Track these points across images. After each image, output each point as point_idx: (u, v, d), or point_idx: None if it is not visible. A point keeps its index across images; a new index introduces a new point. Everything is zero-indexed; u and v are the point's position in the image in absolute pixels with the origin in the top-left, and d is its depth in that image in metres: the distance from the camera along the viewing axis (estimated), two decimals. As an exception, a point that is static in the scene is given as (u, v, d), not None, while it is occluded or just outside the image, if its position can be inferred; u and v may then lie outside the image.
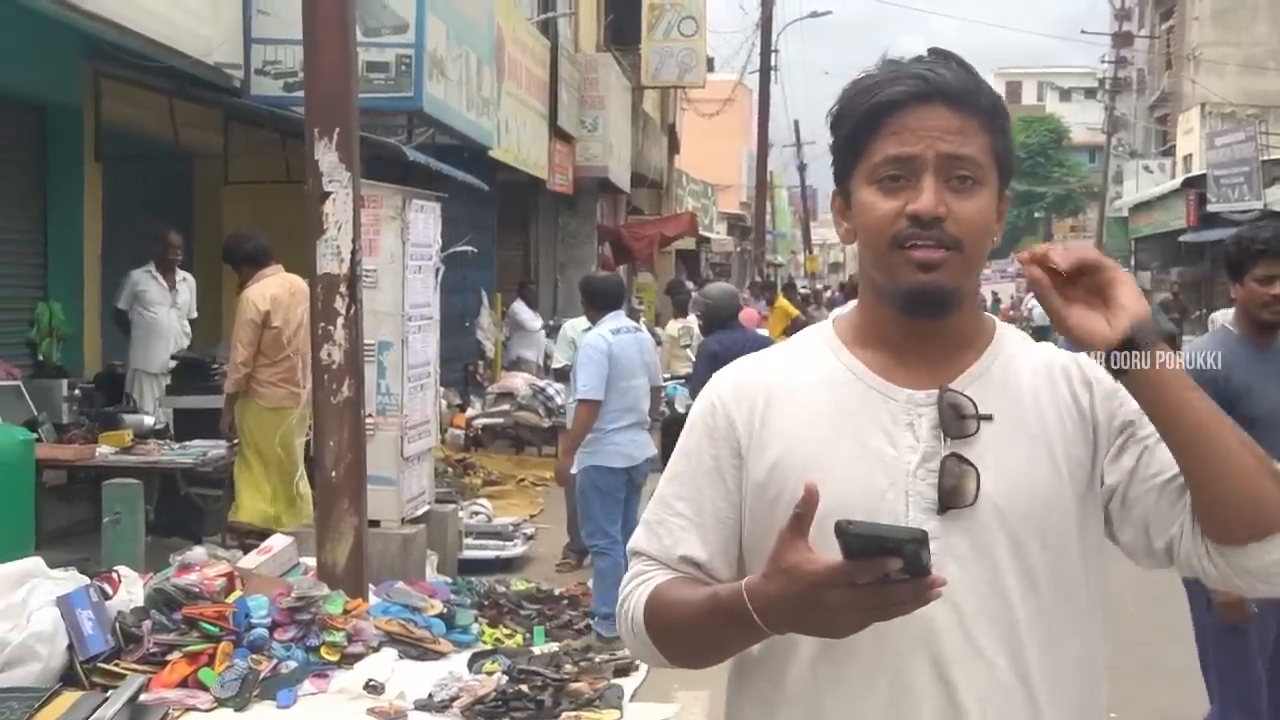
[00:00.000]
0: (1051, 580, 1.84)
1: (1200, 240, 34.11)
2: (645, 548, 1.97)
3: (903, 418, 1.86)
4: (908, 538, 1.55)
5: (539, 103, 17.86)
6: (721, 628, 1.78)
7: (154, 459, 8.11)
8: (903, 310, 1.87)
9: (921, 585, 1.56)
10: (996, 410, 1.85)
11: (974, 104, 1.86)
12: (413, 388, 7.67)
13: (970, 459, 1.82)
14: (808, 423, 1.88)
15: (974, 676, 1.80)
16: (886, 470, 1.83)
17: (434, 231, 7.91)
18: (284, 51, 10.37)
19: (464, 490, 11.03)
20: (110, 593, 6.23)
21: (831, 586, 1.58)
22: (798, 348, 2.01)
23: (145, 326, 10.09)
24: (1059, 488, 1.85)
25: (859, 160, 1.87)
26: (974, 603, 1.80)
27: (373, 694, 5.88)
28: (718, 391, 1.98)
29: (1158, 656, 7.30)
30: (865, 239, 1.88)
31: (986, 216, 1.86)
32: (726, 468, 1.92)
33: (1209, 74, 40.03)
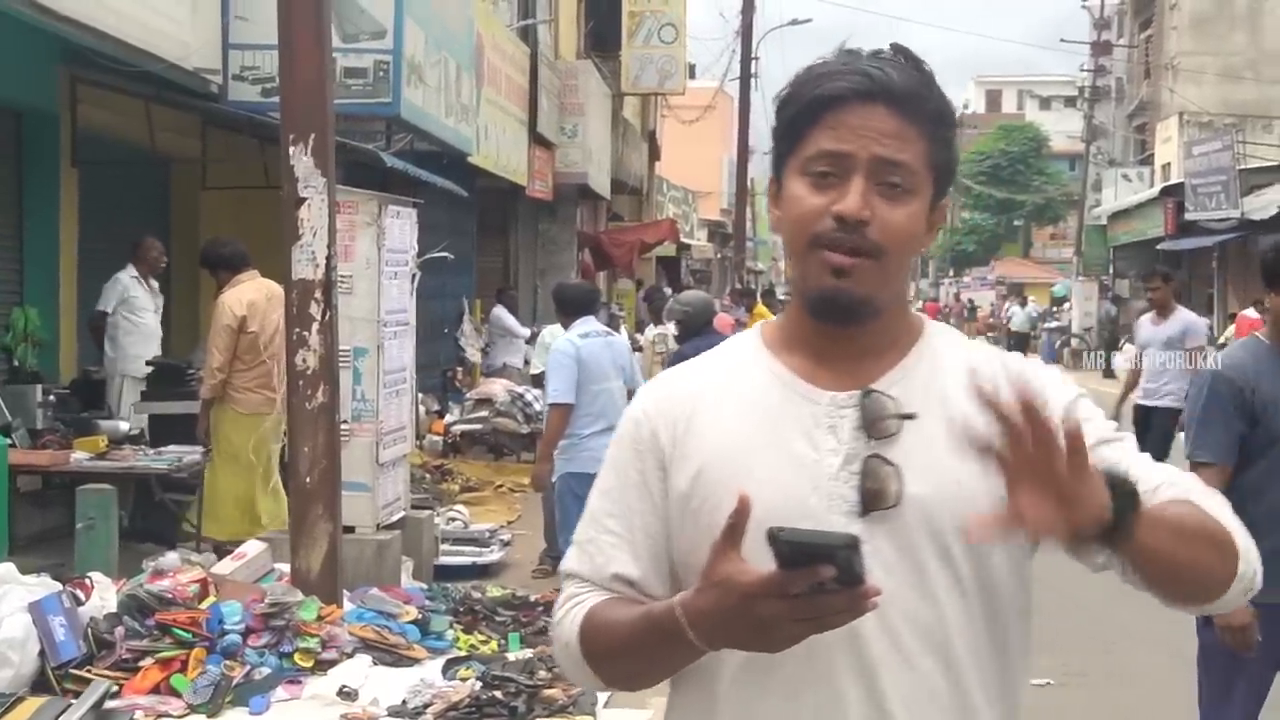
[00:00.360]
0: (978, 582, 1.80)
1: (1178, 248, 34.25)
2: (577, 569, 1.93)
3: (825, 420, 1.82)
4: (840, 543, 1.52)
5: (519, 109, 17.87)
6: (656, 646, 1.74)
7: (129, 465, 8.09)
8: (812, 314, 1.85)
9: (855, 595, 1.53)
10: (921, 409, 1.81)
11: (918, 109, 1.82)
12: (388, 393, 7.66)
13: (893, 460, 1.78)
14: (731, 430, 1.85)
15: (903, 683, 1.77)
16: (809, 474, 1.80)
17: (410, 237, 7.91)
18: (261, 57, 10.36)
19: (441, 496, 11.03)
20: (83, 599, 6.22)
21: (765, 598, 1.55)
22: (726, 355, 1.97)
23: (135, 331, 10.09)
24: (984, 486, 1.74)
25: (794, 149, 1.84)
26: (900, 607, 1.75)
27: (346, 700, 5.87)
28: (643, 405, 1.95)
29: (1126, 661, 7.33)
30: (788, 231, 1.85)
31: (913, 226, 1.82)
32: (652, 480, 1.89)
33: (1187, 83, 40.16)
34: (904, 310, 1.93)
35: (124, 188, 11.77)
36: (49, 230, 10.40)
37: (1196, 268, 35.24)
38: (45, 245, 10.41)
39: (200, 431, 8.42)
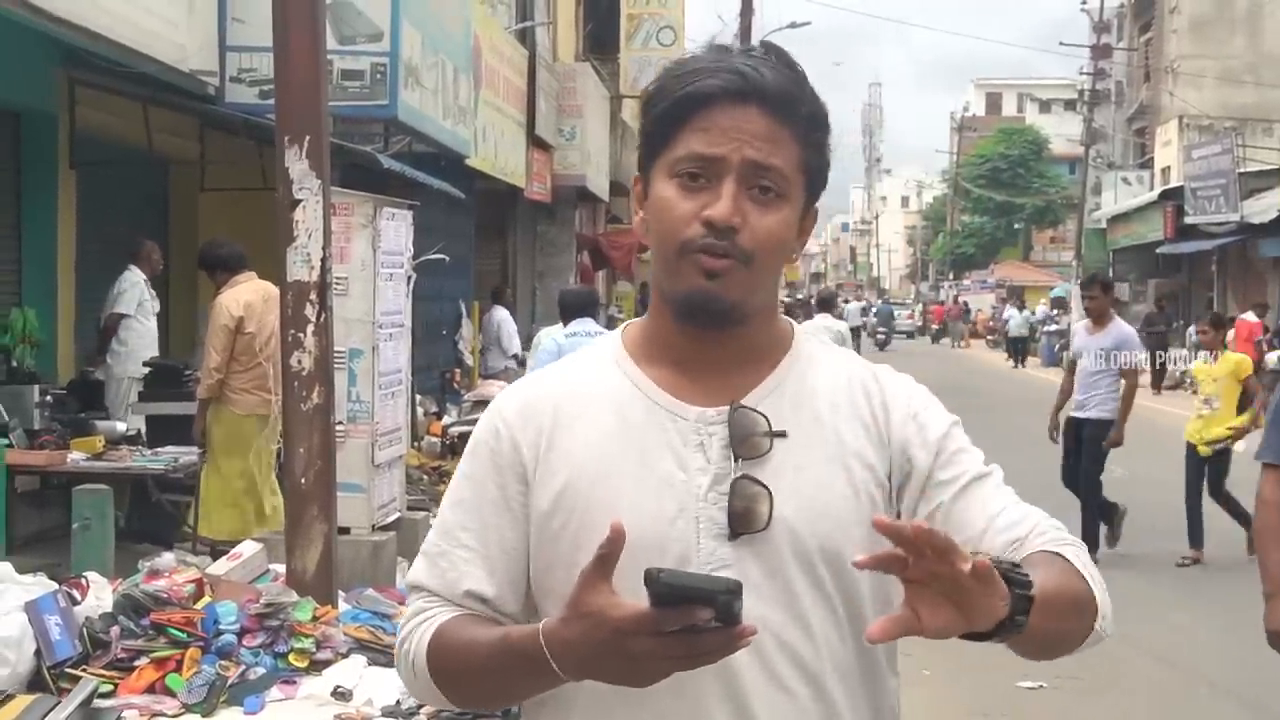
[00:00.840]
0: (849, 602, 1.75)
1: (1178, 252, 34.30)
2: (426, 582, 1.84)
3: (693, 438, 1.75)
4: (722, 589, 1.45)
5: (517, 111, 17.90)
6: (514, 672, 1.67)
7: (125, 465, 8.11)
8: (681, 317, 1.77)
9: (730, 634, 1.47)
10: (791, 426, 1.76)
11: (791, 111, 1.75)
12: (384, 395, 7.68)
13: (763, 480, 1.72)
14: (594, 445, 1.77)
15: (775, 708, 1.72)
16: (676, 495, 1.73)
17: (406, 239, 7.93)
18: (259, 59, 10.37)
19: (438, 498, 11.03)
20: (79, 598, 6.22)
21: (636, 634, 1.48)
22: (586, 363, 1.89)
23: (146, 334, 10.22)
24: (854, 509, 1.75)
25: (662, 150, 1.77)
26: (771, 632, 1.70)
27: (340, 700, 5.88)
28: (502, 414, 1.85)
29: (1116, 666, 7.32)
30: (657, 236, 1.77)
31: (783, 232, 1.76)
32: (513, 495, 1.80)
33: (1187, 86, 40.24)
34: (773, 318, 1.86)
35: (122, 189, 11.82)
36: (47, 231, 10.43)
37: (1196, 271, 35.30)
38: (43, 246, 10.44)
39: (197, 432, 8.45)
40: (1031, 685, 6.78)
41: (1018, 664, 7.12)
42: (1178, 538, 10.15)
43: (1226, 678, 7.13)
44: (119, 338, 10.13)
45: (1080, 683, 6.88)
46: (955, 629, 1.51)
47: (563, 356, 7.04)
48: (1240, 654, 7.53)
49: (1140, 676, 7.06)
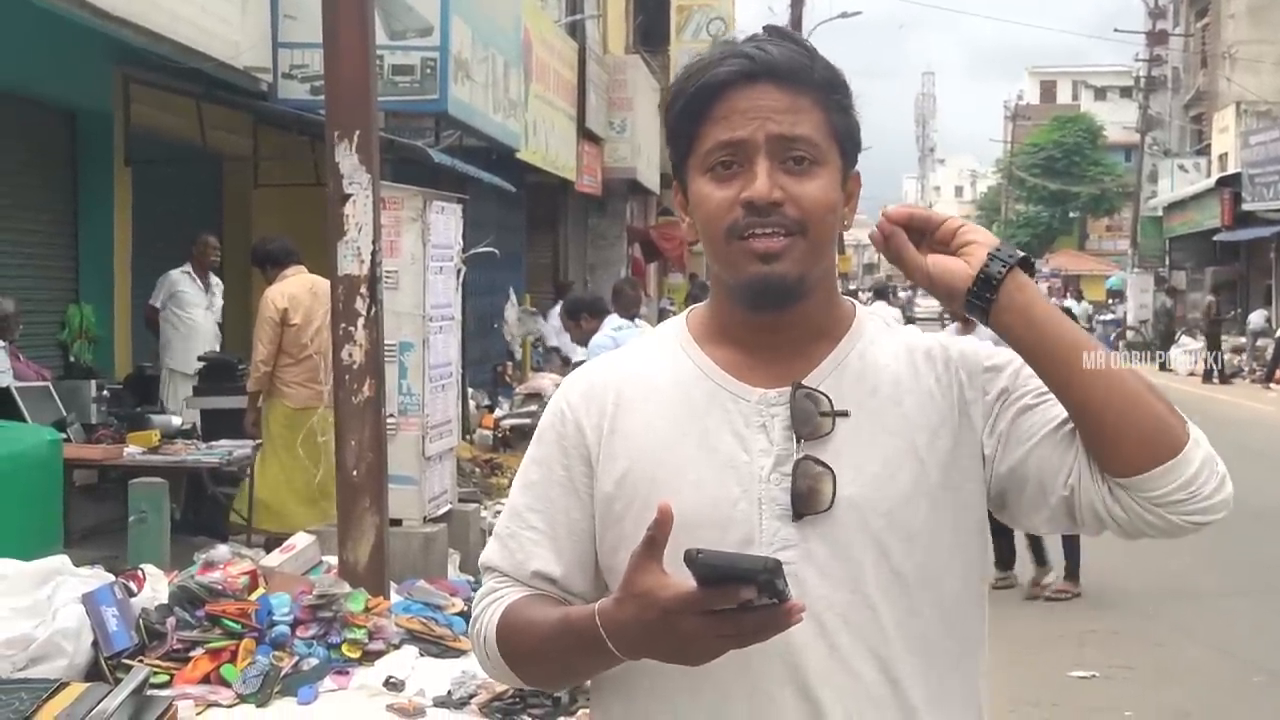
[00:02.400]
0: (920, 580, 1.74)
1: (1235, 240, 33.92)
2: (497, 563, 1.87)
3: (755, 419, 1.76)
4: (760, 567, 1.46)
5: (567, 104, 17.93)
6: (574, 652, 1.69)
7: (180, 459, 8.20)
8: (747, 304, 1.78)
9: (780, 612, 1.48)
10: (854, 405, 1.76)
11: (806, 80, 1.75)
12: (434, 388, 7.72)
13: (825, 460, 1.73)
14: (657, 428, 1.79)
15: (840, 690, 1.71)
16: (739, 477, 1.74)
17: (455, 233, 7.97)
18: (310, 55, 10.46)
19: (491, 490, 11.08)
20: (135, 590, 6.31)
21: (686, 614, 1.50)
22: (649, 346, 1.91)
23: (183, 327, 10.25)
24: (922, 482, 1.75)
25: (691, 149, 1.78)
26: (836, 612, 1.71)
27: (392, 691, 5.93)
28: (567, 397, 1.88)
29: (1174, 655, 7.30)
30: (703, 232, 1.78)
31: (828, 196, 1.75)
32: (579, 478, 1.83)
33: (1244, 72, 39.78)
34: (833, 295, 1.86)
35: (177, 186, 11.94)
36: (103, 228, 10.56)
37: (1254, 258, 34.87)
38: (100, 243, 10.57)
39: (248, 424, 8.52)
40: (1084, 675, 6.73)
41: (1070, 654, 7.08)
42: (1225, 524, 10.03)
43: (1280, 665, 7.06)
44: (162, 331, 10.23)
45: (1133, 672, 6.83)
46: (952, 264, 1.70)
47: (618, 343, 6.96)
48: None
49: (1194, 665, 7.00)
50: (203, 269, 10.48)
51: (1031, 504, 1.76)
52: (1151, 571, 7.85)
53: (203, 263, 10.47)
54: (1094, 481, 1.69)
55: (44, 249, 10.26)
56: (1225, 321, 29.37)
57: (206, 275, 10.54)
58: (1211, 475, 1.66)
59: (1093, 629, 7.51)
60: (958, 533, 1.78)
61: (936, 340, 1.87)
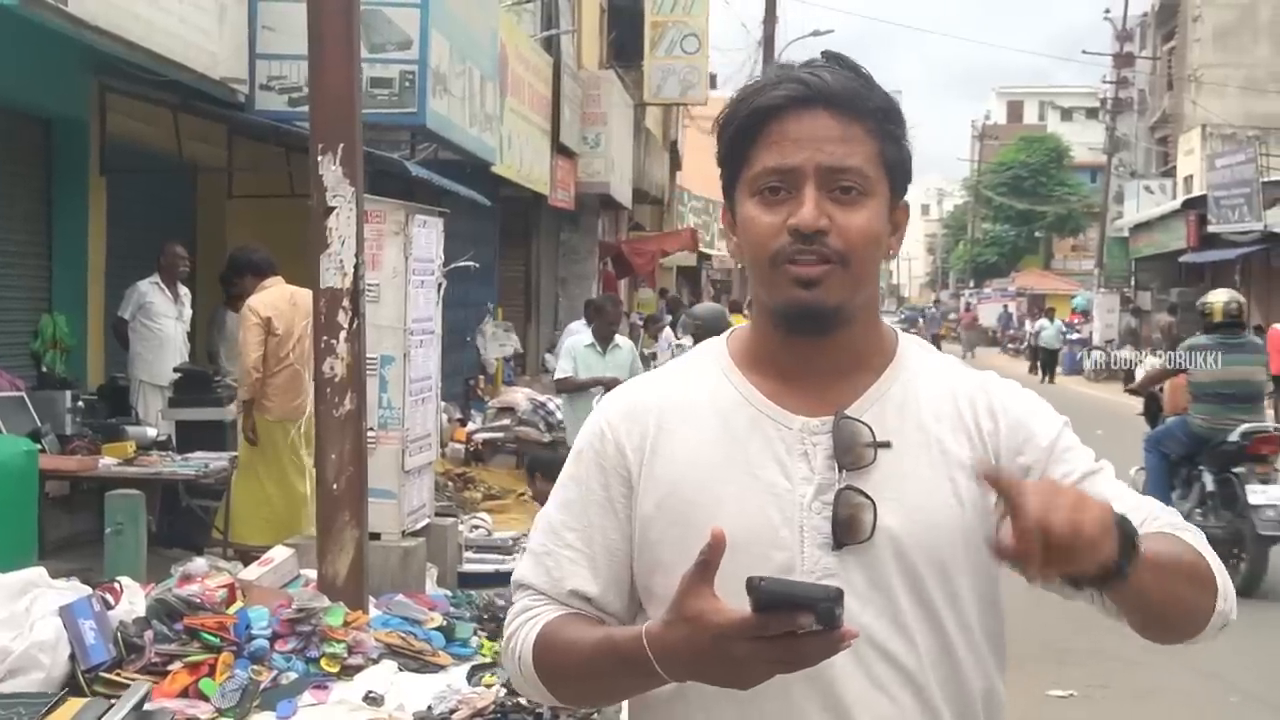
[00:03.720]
0: (952, 613, 1.77)
1: (1200, 261, 34.20)
2: (533, 580, 1.87)
3: (797, 447, 1.77)
4: (822, 596, 1.48)
5: (541, 119, 17.94)
6: (617, 672, 1.70)
7: (156, 470, 8.15)
8: (785, 328, 1.79)
9: (831, 638, 1.49)
10: (895, 436, 1.77)
11: (860, 108, 1.76)
12: (414, 401, 7.71)
13: (867, 490, 1.74)
14: (698, 453, 1.79)
15: (878, 717, 1.73)
16: (780, 504, 1.75)
17: (436, 246, 7.96)
18: (289, 67, 10.45)
19: (464, 504, 11.06)
20: (112, 603, 6.26)
21: (738, 639, 1.51)
22: (690, 368, 1.91)
23: (152, 338, 10.15)
24: (959, 518, 1.76)
25: (741, 171, 1.79)
26: (873, 640, 1.72)
27: (372, 705, 5.91)
28: (607, 417, 1.88)
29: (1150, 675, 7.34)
30: (749, 255, 1.79)
31: (873, 228, 1.76)
32: (617, 497, 1.83)
33: (1210, 95, 40.17)
34: (876, 323, 1.86)
35: (151, 196, 11.87)
36: (77, 237, 10.48)
37: (1219, 280, 35.11)
38: (73, 252, 10.49)
39: (246, 430, 8.45)
40: (1062, 694, 6.77)
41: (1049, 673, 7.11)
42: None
43: (1257, 686, 7.13)
44: (132, 342, 10.15)
45: (1110, 691, 6.87)
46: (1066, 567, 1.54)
47: None
48: (1270, 662, 7.54)
49: (1171, 685, 7.05)
50: (171, 279, 10.37)
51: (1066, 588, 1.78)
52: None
53: (171, 273, 10.36)
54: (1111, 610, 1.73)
55: (17, 257, 10.18)
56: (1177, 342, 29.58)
57: (175, 286, 10.43)
58: (1218, 632, 1.78)
59: (1071, 648, 7.54)
60: (987, 574, 1.80)
61: (980, 381, 1.88)
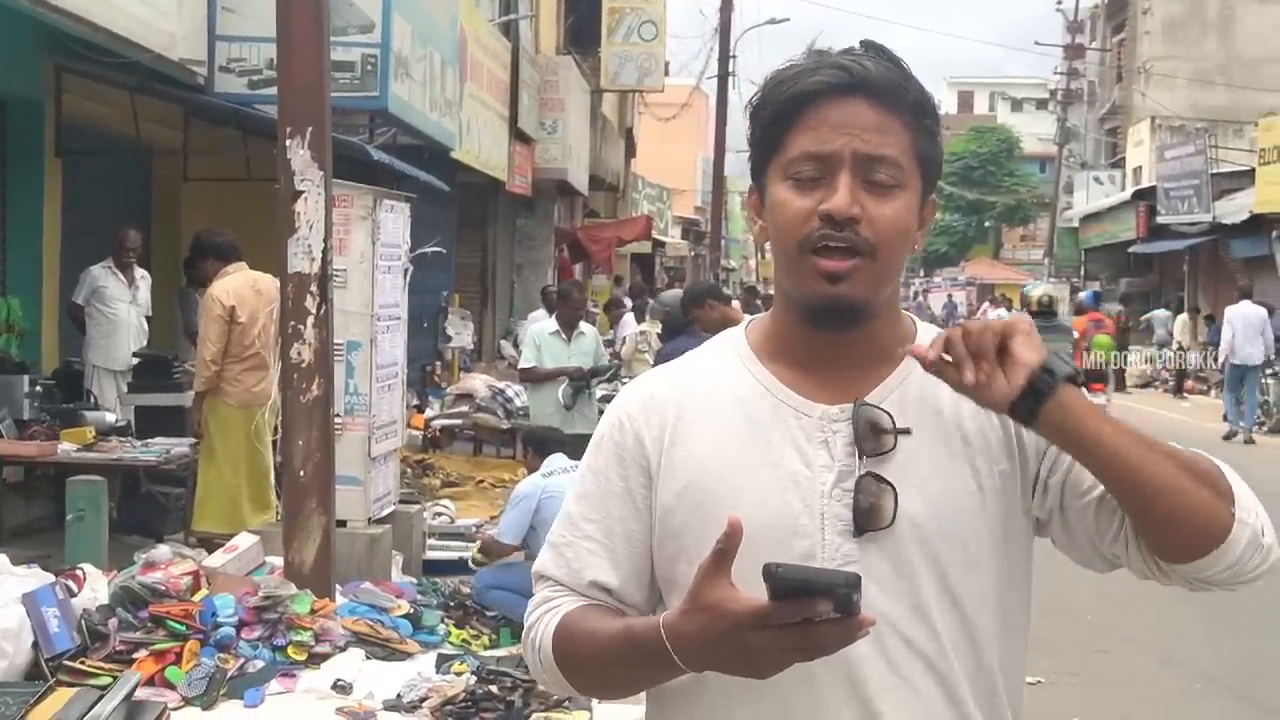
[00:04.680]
0: (974, 599, 1.76)
1: (1149, 252, 34.51)
2: (552, 572, 1.86)
3: (817, 435, 1.76)
4: (840, 582, 1.46)
5: (500, 104, 17.86)
6: (636, 663, 1.69)
7: (117, 456, 8.05)
8: (809, 322, 1.78)
9: (849, 625, 1.48)
10: (915, 424, 1.76)
11: (899, 100, 1.74)
12: (381, 388, 7.66)
13: (888, 477, 1.73)
14: (718, 442, 1.79)
15: (901, 704, 1.72)
16: (800, 492, 1.74)
17: (403, 232, 7.91)
18: (249, 49, 10.34)
19: (423, 491, 11.01)
20: (75, 590, 6.19)
21: (755, 628, 1.50)
22: (709, 358, 1.89)
23: (106, 323, 10.01)
24: (980, 505, 1.76)
25: (774, 154, 1.77)
26: (895, 627, 1.71)
27: (341, 694, 5.87)
28: (626, 407, 1.87)
29: (1117, 663, 7.40)
30: (776, 239, 1.77)
31: (904, 221, 1.75)
32: (637, 489, 1.82)
33: (1159, 87, 40.44)
34: (896, 315, 1.85)
35: (107, 178, 11.73)
36: (32, 220, 10.34)
37: (1167, 271, 35.52)
38: (28, 235, 10.35)
39: (193, 424, 8.36)
40: (1030, 681, 6.79)
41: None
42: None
43: (1220, 672, 7.19)
44: (87, 327, 10.01)
45: (1078, 679, 6.91)
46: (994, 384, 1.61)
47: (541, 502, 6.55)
48: (1233, 648, 7.62)
49: (1137, 673, 7.11)
50: (125, 264, 10.21)
51: (1080, 552, 1.82)
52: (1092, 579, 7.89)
53: (123, 257, 10.19)
54: (1140, 553, 1.73)
55: (-30, 241, 10.04)
56: (1133, 332, 29.88)
57: (130, 270, 10.28)
58: (1255, 551, 1.69)
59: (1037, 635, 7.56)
60: (1008, 557, 1.79)
61: None
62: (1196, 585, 1.73)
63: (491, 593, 7.27)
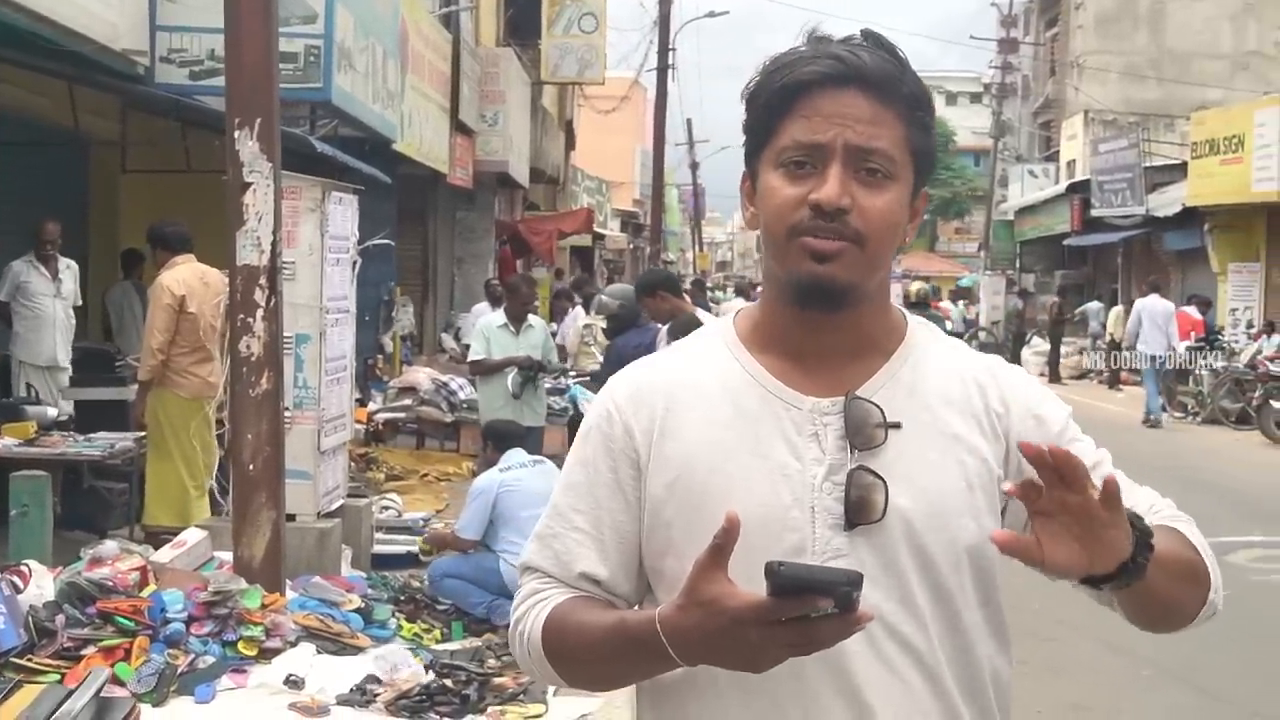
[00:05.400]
0: (960, 595, 1.76)
1: (1084, 244, 34.91)
2: (539, 563, 1.85)
3: (807, 428, 1.75)
4: (843, 580, 1.46)
5: (441, 96, 17.76)
6: (629, 657, 1.68)
7: (60, 451, 7.95)
8: (796, 302, 1.77)
9: (846, 621, 1.48)
10: (906, 418, 1.75)
11: (893, 92, 1.74)
12: (330, 381, 7.60)
13: (878, 471, 1.72)
14: (708, 435, 1.77)
15: (890, 698, 1.72)
16: (790, 485, 1.73)
17: (351, 224, 7.85)
18: (190, 39, 10.23)
19: (367, 484, 10.95)
20: (21, 586, 6.11)
21: (753, 623, 1.49)
22: (697, 349, 1.89)
23: (32, 318, 9.79)
24: (968, 500, 1.76)
25: (767, 141, 1.77)
26: (884, 621, 1.71)
27: (293, 689, 5.83)
28: (614, 398, 1.86)
29: (1064, 650, 7.49)
30: (766, 224, 1.77)
31: (894, 213, 1.74)
32: (625, 479, 1.81)
33: (1091, 81, 40.89)
34: (886, 307, 1.85)
35: (41, 170, 11.54)
36: (-36, 213, 10.16)
37: (1102, 263, 35.95)
38: (-40, 228, 10.17)
39: (136, 415, 8.26)
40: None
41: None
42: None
43: (1168, 660, 7.28)
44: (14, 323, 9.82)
45: (1027, 667, 6.98)
46: (1077, 564, 1.58)
47: (499, 496, 6.56)
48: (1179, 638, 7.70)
49: (1086, 661, 7.20)
50: (45, 256, 9.98)
51: None
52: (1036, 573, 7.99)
53: (43, 250, 9.95)
54: (1106, 598, 1.76)
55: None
56: (1068, 323, 30.24)
57: (52, 262, 10.05)
58: (1209, 616, 1.83)
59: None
60: (995, 555, 1.77)
61: (987, 365, 1.88)
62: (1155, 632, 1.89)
63: (446, 582, 7.26)
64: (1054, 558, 1.57)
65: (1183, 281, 28.68)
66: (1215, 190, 25.17)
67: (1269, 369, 18.86)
